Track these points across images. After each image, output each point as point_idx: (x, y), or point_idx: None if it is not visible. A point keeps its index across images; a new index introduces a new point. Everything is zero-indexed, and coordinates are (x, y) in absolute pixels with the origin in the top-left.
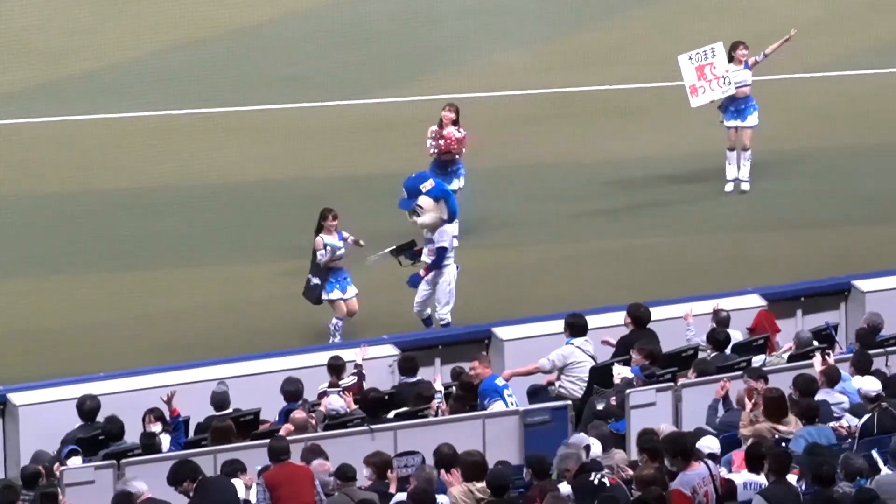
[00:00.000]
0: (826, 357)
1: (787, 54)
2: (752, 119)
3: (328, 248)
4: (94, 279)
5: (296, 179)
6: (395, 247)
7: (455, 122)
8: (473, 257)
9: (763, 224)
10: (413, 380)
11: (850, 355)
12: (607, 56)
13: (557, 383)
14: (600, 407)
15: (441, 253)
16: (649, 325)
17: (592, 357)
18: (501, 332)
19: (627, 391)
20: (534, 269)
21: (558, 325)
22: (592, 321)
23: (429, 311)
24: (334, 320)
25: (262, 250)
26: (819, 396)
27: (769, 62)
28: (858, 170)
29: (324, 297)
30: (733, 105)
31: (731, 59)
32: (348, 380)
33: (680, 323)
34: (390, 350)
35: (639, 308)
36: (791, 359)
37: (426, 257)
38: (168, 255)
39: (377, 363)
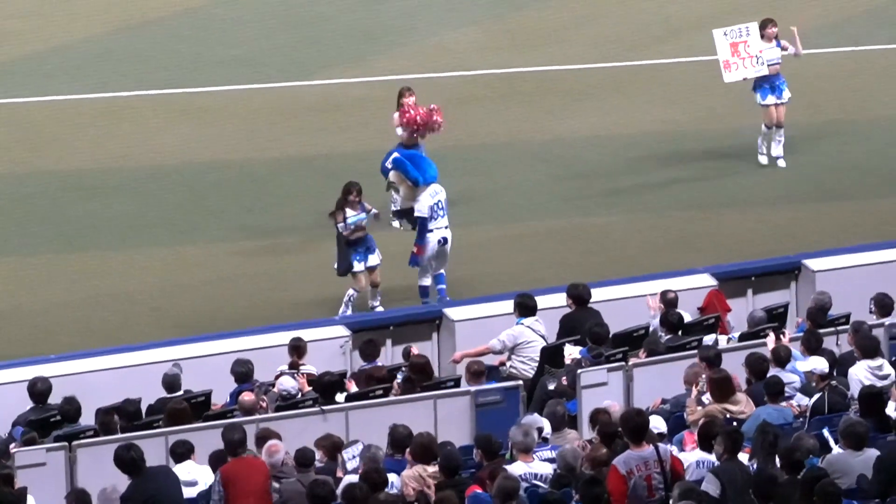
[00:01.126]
0: (780, 336)
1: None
2: (786, 94)
3: (348, 222)
4: (43, 260)
5: (245, 160)
6: (399, 209)
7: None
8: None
9: (717, 202)
10: (370, 366)
11: (801, 335)
12: (556, 35)
13: (508, 363)
14: (551, 387)
15: (421, 222)
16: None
17: (543, 337)
18: (452, 312)
19: (578, 371)
20: (483, 248)
21: (508, 306)
22: (542, 301)
23: (427, 280)
24: (351, 291)
25: (212, 231)
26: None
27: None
28: (809, 148)
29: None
30: (767, 83)
31: (762, 36)
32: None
33: (630, 303)
34: (341, 331)
35: (577, 287)
36: (742, 338)
37: None
38: (117, 237)
39: (328, 344)
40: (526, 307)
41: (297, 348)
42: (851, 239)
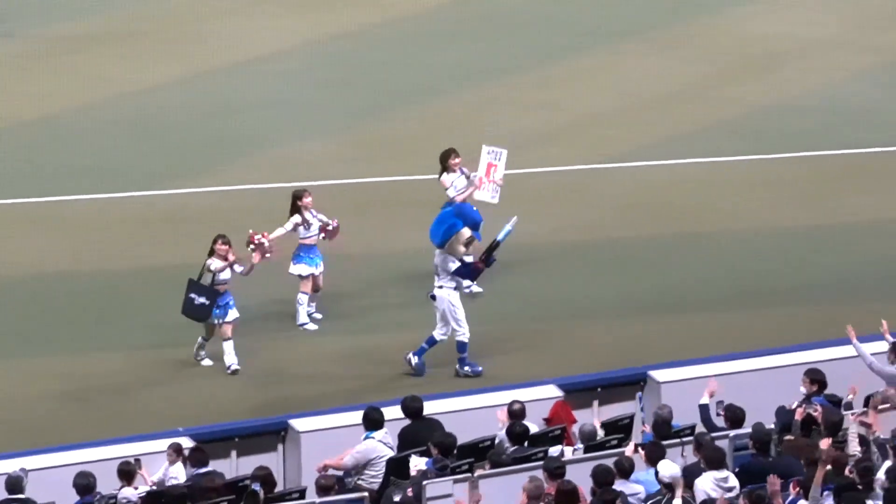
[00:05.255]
0: (638, 447)
1: (582, 147)
2: None
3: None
4: None
5: (97, 271)
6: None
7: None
8: (272, 348)
9: (566, 313)
10: (204, 470)
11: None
12: (406, 147)
13: (356, 475)
14: (397, 499)
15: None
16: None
17: (393, 449)
18: (298, 423)
19: (424, 482)
20: (333, 360)
21: (355, 417)
22: (389, 412)
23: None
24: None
25: (63, 342)
26: (616, 487)
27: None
28: (658, 260)
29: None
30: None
31: (446, 168)
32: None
33: (477, 414)
34: (186, 443)
35: (414, 400)
36: (588, 449)
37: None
38: None
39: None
40: (374, 421)
41: (126, 473)
42: (696, 350)
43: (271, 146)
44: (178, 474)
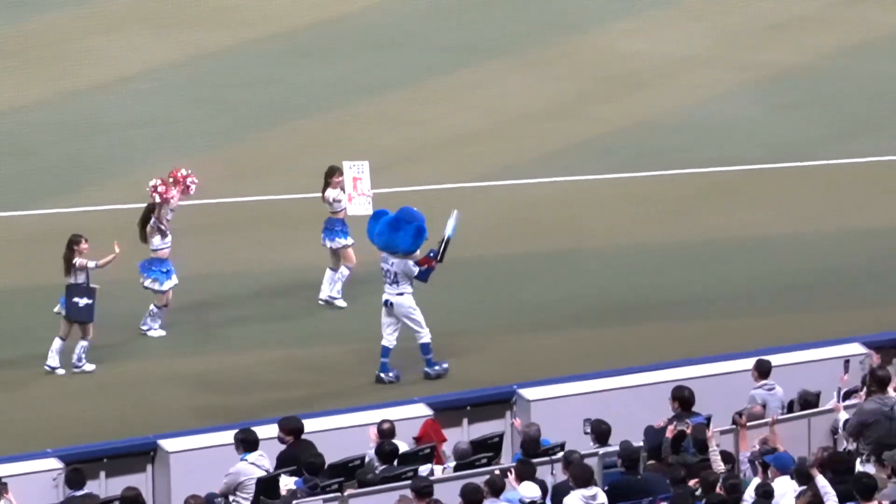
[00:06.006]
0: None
1: (450, 165)
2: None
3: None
4: None
5: None
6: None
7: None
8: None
9: (434, 332)
10: (80, 493)
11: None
12: (271, 166)
13: (231, 497)
14: None
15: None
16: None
17: (267, 471)
18: (167, 444)
19: (293, 502)
20: (201, 379)
21: (227, 437)
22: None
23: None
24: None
25: None
26: None
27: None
28: (527, 277)
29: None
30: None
31: (329, 184)
32: None
33: (347, 433)
34: (54, 464)
35: (290, 421)
36: (458, 468)
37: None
38: None
39: (40, 477)
40: (248, 442)
41: None
42: (566, 367)
43: (139, 166)
44: None
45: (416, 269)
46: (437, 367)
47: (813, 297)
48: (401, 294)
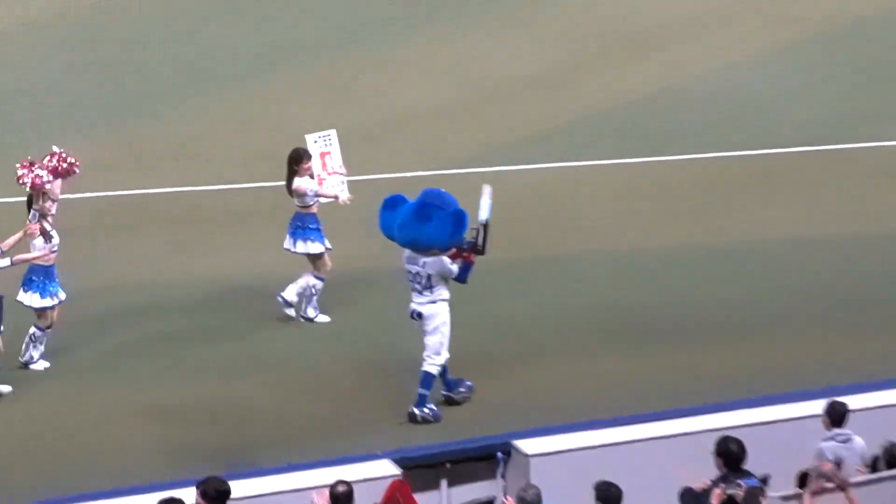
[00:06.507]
0: None
1: (413, 146)
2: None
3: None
4: None
5: None
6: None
7: None
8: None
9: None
10: None
11: None
12: (185, 151)
13: None
14: None
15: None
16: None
17: None
18: None
19: None
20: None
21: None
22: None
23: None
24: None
25: None
26: None
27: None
28: (512, 288)
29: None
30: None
31: (297, 171)
32: None
33: (291, 498)
34: None
35: (211, 483)
36: None
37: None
38: None
39: None
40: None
41: None
42: (571, 408)
43: (13, 148)
44: None
45: (456, 268)
46: (426, 410)
47: None
48: (434, 302)
